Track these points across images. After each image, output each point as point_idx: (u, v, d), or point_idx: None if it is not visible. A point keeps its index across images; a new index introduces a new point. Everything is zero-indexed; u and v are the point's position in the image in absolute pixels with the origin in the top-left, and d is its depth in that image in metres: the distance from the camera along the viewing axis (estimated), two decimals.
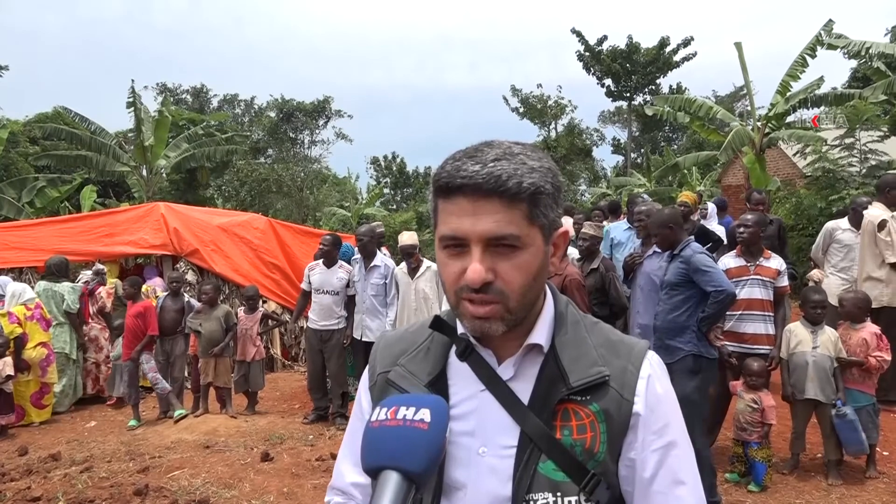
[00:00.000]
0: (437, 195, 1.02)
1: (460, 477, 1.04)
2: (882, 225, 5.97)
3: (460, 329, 1.09)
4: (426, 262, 6.49)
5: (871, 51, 12.34)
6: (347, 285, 6.56)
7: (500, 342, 1.07)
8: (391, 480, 0.82)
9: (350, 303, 6.59)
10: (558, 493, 0.99)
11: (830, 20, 13.43)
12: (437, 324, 1.12)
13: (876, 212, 6.07)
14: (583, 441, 1.01)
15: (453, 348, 1.11)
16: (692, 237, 4.55)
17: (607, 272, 5.39)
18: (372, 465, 0.85)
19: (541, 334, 1.07)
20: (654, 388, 1.06)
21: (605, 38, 33.71)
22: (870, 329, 4.74)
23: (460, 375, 1.09)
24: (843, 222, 6.53)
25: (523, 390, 1.05)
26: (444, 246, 1.01)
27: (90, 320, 8.09)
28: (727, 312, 4.80)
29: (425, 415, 0.88)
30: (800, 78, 13.75)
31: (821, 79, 13.98)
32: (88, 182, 22.25)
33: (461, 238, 0.98)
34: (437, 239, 1.03)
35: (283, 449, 5.67)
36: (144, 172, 19.79)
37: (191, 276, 8.82)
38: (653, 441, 1.03)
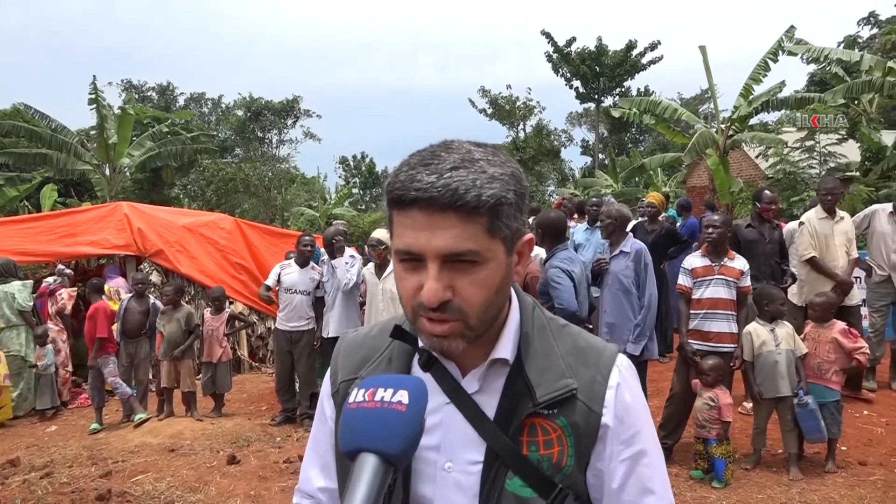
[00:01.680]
0: (391, 206, 0.95)
1: (426, 493, 1.01)
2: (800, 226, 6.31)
3: (423, 342, 1.03)
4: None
5: (829, 56, 12.66)
6: (317, 286, 6.54)
7: (464, 354, 1.02)
8: (369, 463, 0.80)
9: (318, 304, 6.55)
10: None
11: (792, 26, 13.74)
12: (399, 333, 1.06)
13: (809, 213, 6.36)
14: (550, 456, 0.99)
15: (416, 357, 1.07)
16: (560, 247, 4.70)
17: None
18: (350, 448, 0.83)
19: (505, 347, 1.03)
20: (623, 396, 1.03)
21: (573, 39, 34.09)
22: (838, 327, 4.85)
23: None
24: None
25: (489, 404, 1.02)
26: (400, 259, 0.96)
27: (48, 321, 7.87)
28: (692, 311, 4.91)
29: (403, 396, 0.85)
30: (762, 81, 14.03)
31: (782, 83, 14.29)
32: (49, 181, 21.74)
33: (416, 254, 0.92)
34: (393, 252, 0.97)
35: (249, 451, 5.60)
36: (107, 171, 19.38)
37: (155, 277, 8.67)
38: (621, 451, 1.02)
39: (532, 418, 1.00)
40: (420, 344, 1.04)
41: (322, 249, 6.95)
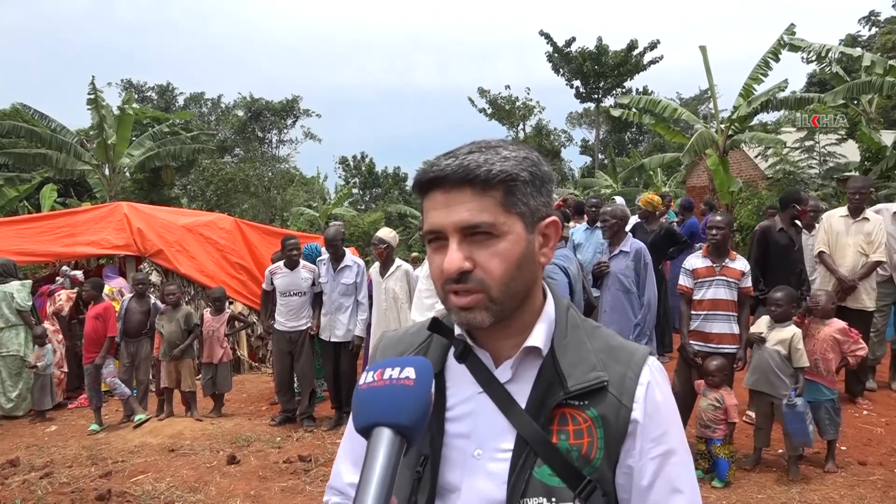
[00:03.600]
0: (418, 194, 1.04)
1: (454, 479, 1.03)
2: None
3: (458, 330, 1.09)
4: (398, 262, 6.41)
5: (830, 54, 12.64)
6: (312, 283, 6.51)
7: (498, 343, 1.07)
8: (384, 435, 0.84)
9: (317, 301, 6.53)
10: (553, 499, 0.98)
11: (792, 24, 13.71)
12: (435, 325, 1.12)
13: (833, 210, 6.36)
14: (579, 446, 1.00)
15: (452, 350, 1.11)
16: (558, 244, 4.72)
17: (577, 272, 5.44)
18: (364, 424, 0.86)
19: (539, 337, 1.06)
20: (654, 395, 1.04)
21: (573, 39, 34.10)
22: (836, 325, 4.85)
23: (458, 378, 1.09)
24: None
25: (521, 393, 1.04)
26: (429, 241, 1.03)
27: (44, 321, 7.86)
28: (693, 312, 4.90)
29: (410, 372, 0.89)
30: (763, 81, 14.01)
31: (784, 81, 14.24)
32: (48, 181, 21.71)
33: (438, 231, 1.00)
34: (424, 238, 1.04)
35: (249, 451, 5.60)
36: (107, 171, 19.36)
37: (155, 277, 8.66)
38: (651, 449, 1.02)
39: (563, 408, 1.02)
40: (457, 333, 1.09)
41: (317, 246, 6.94)
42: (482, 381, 1.06)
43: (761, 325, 4.82)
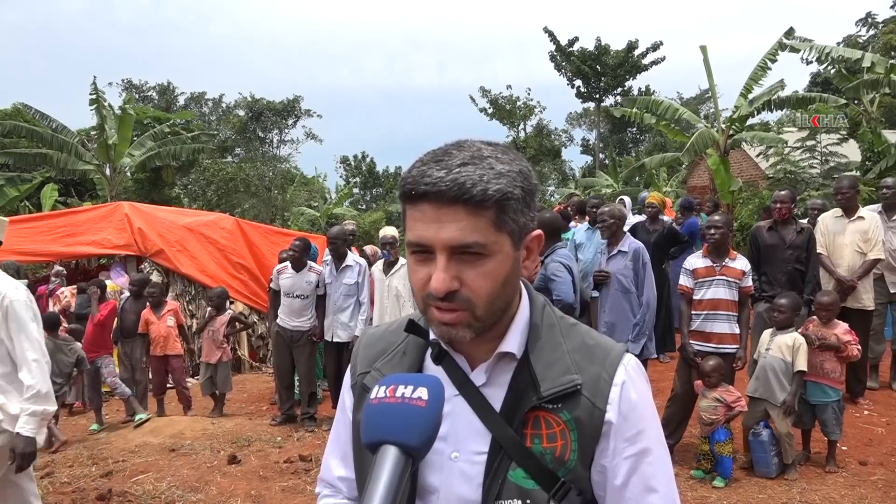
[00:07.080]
0: (404, 201, 1.00)
1: (433, 481, 1.04)
2: None
3: (433, 334, 1.07)
4: (402, 260, 6.45)
5: (830, 54, 12.65)
6: (317, 286, 6.49)
7: (473, 348, 1.06)
8: (390, 454, 0.84)
9: (320, 303, 6.52)
10: (527, 501, 0.99)
11: (791, 28, 13.80)
12: (412, 327, 1.11)
13: (828, 212, 6.45)
14: (553, 449, 1.01)
15: (429, 351, 1.10)
16: (559, 245, 4.85)
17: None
18: (371, 440, 0.86)
19: (513, 342, 1.06)
20: (628, 394, 1.04)
21: (576, 39, 34.06)
22: (840, 328, 4.86)
23: None
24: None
25: (496, 397, 1.04)
26: (412, 252, 1.00)
27: None
28: (693, 312, 4.90)
29: (423, 393, 0.89)
30: (762, 84, 14.03)
31: (781, 82, 14.26)
32: (49, 181, 21.71)
33: (426, 245, 0.96)
34: (406, 244, 1.01)
35: (250, 451, 5.60)
36: (108, 171, 19.37)
37: (156, 277, 8.67)
38: (625, 448, 1.03)
39: (536, 412, 1.03)
40: (432, 337, 1.07)
41: (314, 247, 6.93)
42: (458, 384, 1.06)
43: (766, 334, 4.81)
